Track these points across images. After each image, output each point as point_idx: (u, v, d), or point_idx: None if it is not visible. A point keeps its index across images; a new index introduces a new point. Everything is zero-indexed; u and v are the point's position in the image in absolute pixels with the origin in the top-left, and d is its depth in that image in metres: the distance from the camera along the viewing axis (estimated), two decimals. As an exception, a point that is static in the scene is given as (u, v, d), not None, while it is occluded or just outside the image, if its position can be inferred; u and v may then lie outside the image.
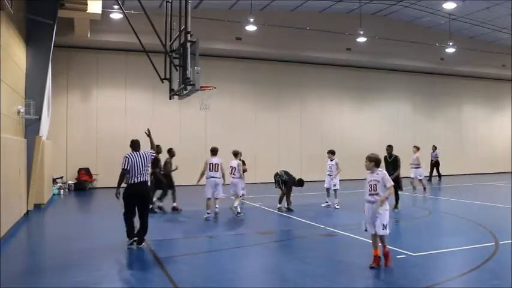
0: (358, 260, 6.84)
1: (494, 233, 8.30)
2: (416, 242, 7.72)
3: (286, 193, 11.71)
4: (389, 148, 11.52)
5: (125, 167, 7.47)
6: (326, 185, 12.40)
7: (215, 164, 10.53)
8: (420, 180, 15.60)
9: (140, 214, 7.62)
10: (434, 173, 21.72)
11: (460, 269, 6.04)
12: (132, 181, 7.48)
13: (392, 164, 11.14)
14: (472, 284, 5.51)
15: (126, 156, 7.52)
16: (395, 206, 11.35)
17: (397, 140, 23.72)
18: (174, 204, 11.66)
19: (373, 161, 6.13)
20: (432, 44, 22.31)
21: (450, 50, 21.81)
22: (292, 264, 6.43)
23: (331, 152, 12.47)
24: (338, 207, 11.97)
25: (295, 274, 5.94)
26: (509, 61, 24.69)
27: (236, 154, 11.44)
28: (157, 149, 10.05)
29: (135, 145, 7.76)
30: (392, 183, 6.15)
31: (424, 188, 15.54)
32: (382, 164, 6.90)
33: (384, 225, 5.95)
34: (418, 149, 16.04)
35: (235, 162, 11.26)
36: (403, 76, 24.38)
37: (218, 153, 10.83)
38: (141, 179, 7.51)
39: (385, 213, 5.99)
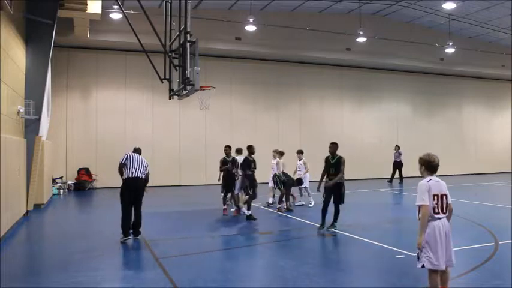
0: (358, 260, 6.84)
1: (494, 233, 8.30)
2: (416, 242, 7.71)
3: (286, 193, 11.75)
4: (333, 146, 8.94)
5: (122, 161, 8.10)
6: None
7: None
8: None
9: (135, 207, 8.16)
10: (396, 174, 20.27)
11: (460, 269, 6.03)
12: (128, 176, 8.00)
13: (335, 166, 8.75)
14: (472, 284, 5.51)
15: (126, 154, 8.26)
16: (333, 224, 8.87)
17: (396, 140, 23.82)
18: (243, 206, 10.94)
19: (421, 163, 4.62)
20: (432, 44, 22.31)
21: (450, 50, 21.81)
22: (291, 264, 6.42)
23: (300, 152, 12.81)
24: (300, 204, 12.49)
25: (294, 274, 5.93)
26: (509, 61, 24.68)
27: (278, 153, 12.43)
28: (250, 150, 10.80)
29: (137, 150, 8.49)
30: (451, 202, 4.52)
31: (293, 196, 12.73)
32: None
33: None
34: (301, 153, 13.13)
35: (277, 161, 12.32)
36: (403, 76, 24.39)
37: (218, 153, 11.03)
38: (137, 174, 8.06)
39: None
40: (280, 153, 12.44)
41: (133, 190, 8.07)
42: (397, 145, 20.69)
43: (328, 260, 6.81)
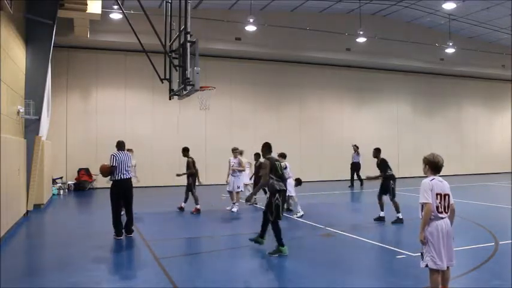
0: (358, 260, 6.84)
1: (494, 233, 8.30)
2: (416, 242, 7.72)
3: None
4: (263, 149, 7.13)
5: (114, 164, 8.20)
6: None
7: None
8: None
9: (126, 208, 8.44)
10: (355, 177, 18.80)
11: (460, 269, 6.03)
12: (119, 177, 8.19)
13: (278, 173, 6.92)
14: (472, 284, 5.51)
15: (113, 155, 8.33)
16: (280, 248, 6.79)
17: (397, 140, 23.84)
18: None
19: (425, 163, 4.59)
20: (432, 44, 22.31)
21: (450, 50, 21.81)
22: (291, 265, 6.42)
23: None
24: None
25: (294, 274, 5.94)
26: (509, 61, 24.69)
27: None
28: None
29: (120, 145, 8.65)
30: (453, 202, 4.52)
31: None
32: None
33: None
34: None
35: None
36: (403, 76, 24.39)
37: (219, 153, 11.04)
38: (127, 176, 8.29)
39: None
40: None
41: (123, 191, 8.32)
42: (355, 145, 19.18)
43: (328, 260, 6.80)
